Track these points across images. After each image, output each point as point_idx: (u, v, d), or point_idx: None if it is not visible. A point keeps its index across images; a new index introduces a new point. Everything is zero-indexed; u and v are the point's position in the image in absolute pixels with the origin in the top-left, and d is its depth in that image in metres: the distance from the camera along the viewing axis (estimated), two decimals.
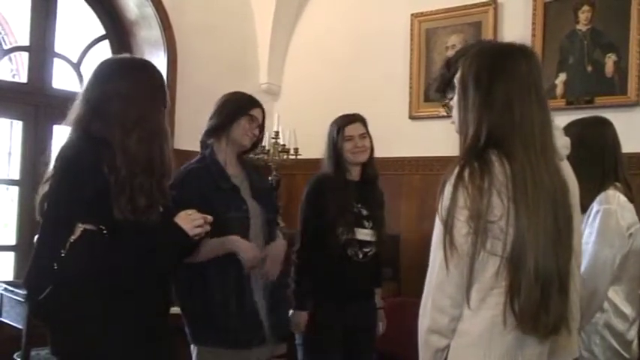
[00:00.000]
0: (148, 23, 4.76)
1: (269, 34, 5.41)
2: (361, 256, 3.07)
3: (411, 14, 4.83)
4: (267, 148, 4.83)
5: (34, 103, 4.30)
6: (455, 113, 1.75)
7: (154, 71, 2.21)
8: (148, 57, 4.74)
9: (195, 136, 2.87)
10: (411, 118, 4.84)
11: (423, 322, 1.64)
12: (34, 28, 4.39)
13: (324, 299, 3.06)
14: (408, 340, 1.83)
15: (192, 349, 2.65)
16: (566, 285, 1.60)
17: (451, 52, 4.55)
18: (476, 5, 4.55)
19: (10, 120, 4.41)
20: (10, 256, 4.31)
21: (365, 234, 3.08)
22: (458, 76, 1.72)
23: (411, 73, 4.83)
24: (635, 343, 2.57)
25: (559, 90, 4.19)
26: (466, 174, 1.56)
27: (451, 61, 1.92)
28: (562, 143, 1.77)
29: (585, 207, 2.45)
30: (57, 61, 4.51)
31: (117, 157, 1.99)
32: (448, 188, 1.58)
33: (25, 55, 4.54)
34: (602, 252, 2.43)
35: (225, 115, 2.73)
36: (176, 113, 4.70)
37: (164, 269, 2.16)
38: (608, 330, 2.49)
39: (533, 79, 1.64)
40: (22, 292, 3.39)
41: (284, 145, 4.89)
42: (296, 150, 4.86)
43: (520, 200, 1.53)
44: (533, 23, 4.26)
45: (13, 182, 4.37)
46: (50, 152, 2.13)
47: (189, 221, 2.12)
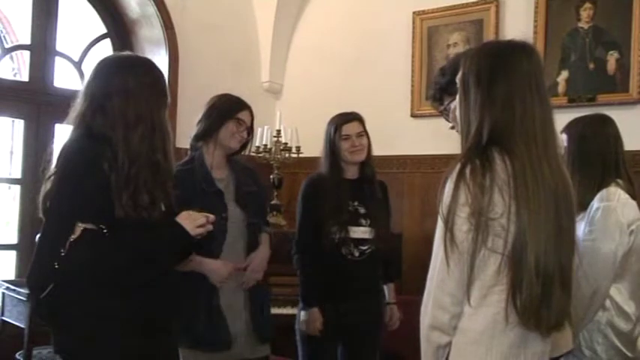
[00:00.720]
0: (150, 22, 4.76)
1: (271, 32, 5.40)
2: (357, 254, 3.06)
3: (413, 12, 4.83)
4: (269, 146, 4.83)
5: (35, 101, 4.30)
6: (457, 113, 1.75)
7: (155, 69, 2.22)
8: (149, 56, 4.72)
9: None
10: (413, 116, 4.83)
11: (425, 319, 1.64)
12: (35, 26, 4.39)
13: (322, 297, 3.05)
14: (410, 337, 1.83)
15: None
16: (568, 280, 1.60)
17: (453, 50, 4.57)
18: (477, 3, 4.54)
19: (11, 119, 4.41)
20: (11, 254, 4.31)
21: (361, 232, 3.07)
22: (459, 76, 1.72)
23: (412, 71, 4.82)
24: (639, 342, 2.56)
25: (561, 88, 4.18)
26: (467, 171, 1.56)
27: (445, 68, 1.93)
28: (558, 143, 1.77)
29: (586, 204, 2.45)
30: (58, 59, 4.51)
31: (119, 154, 1.99)
32: (449, 185, 1.59)
33: (26, 53, 4.53)
34: (602, 249, 2.42)
35: (212, 119, 2.76)
36: (177, 112, 4.70)
37: (165, 268, 2.16)
38: (611, 329, 2.48)
39: (534, 76, 1.64)
40: (24, 290, 3.40)
41: (286, 143, 4.88)
42: (298, 148, 4.85)
43: (521, 197, 1.54)
44: (535, 21, 4.26)
45: (14, 181, 4.37)
46: (52, 150, 2.13)
47: (190, 221, 2.12)
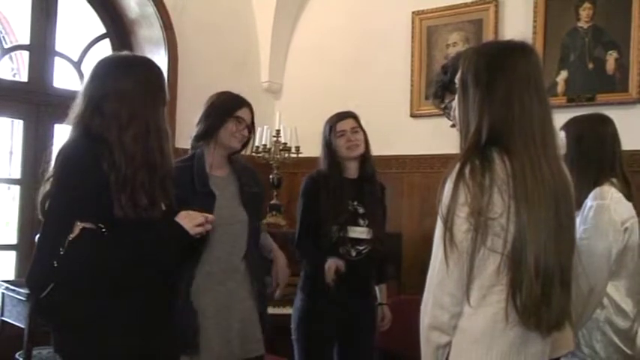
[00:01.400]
0: (149, 22, 4.76)
1: (270, 32, 5.40)
2: (354, 254, 3.06)
3: (412, 12, 4.83)
4: (269, 146, 4.83)
5: (34, 102, 4.30)
6: (456, 113, 1.75)
7: (153, 69, 2.21)
8: (148, 56, 4.71)
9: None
10: (412, 116, 4.83)
11: (424, 318, 1.65)
12: (34, 26, 4.39)
13: (319, 296, 3.05)
14: (410, 337, 1.83)
15: None
16: (568, 279, 1.61)
17: (452, 50, 4.57)
18: (477, 3, 4.54)
19: (10, 119, 4.42)
20: (11, 255, 4.31)
21: (360, 232, 3.07)
22: (458, 75, 1.72)
23: (412, 70, 4.82)
24: (639, 339, 2.56)
25: (560, 87, 4.18)
26: (467, 171, 1.56)
27: (447, 66, 1.93)
28: (559, 142, 1.77)
29: (580, 203, 2.45)
30: (58, 60, 4.51)
31: (114, 155, 1.99)
32: (449, 185, 1.59)
33: (25, 54, 4.53)
34: (597, 247, 2.42)
35: (211, 119, 2.72)
36: (177, 112, 4.69)
37: (165, 267, 2.16)
38: (609, 326, 2.49)
39: (532, 76, 1.64)
40: (24, 291, 3.40)
41: (285, 143, 4.88)
42: (297, 148, 4.85)
43: (520, 196, 1.54)
44: (534, 21, 4.26)
45: (14, 181, 4.37)
46: (51, 151, 2.14)
47: (190, 220, 2.12)
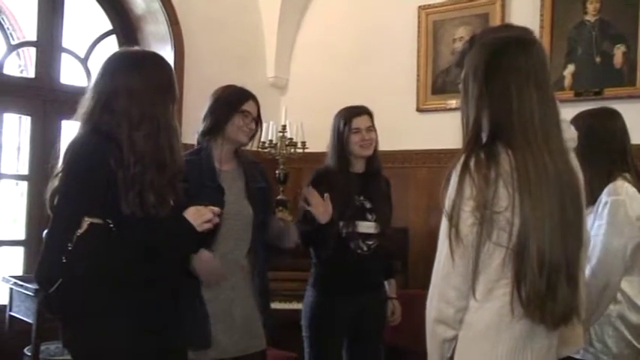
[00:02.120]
0: (155, 18, 4.76)
1: (276, 27, 5.40)
2: (365, 248, 3.06)
3: (418, 6, 4.82)
4: (275, 141, 4.83)
5: (42, 98, 4.31)
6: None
7: (163, 66, 2.21)
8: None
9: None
10: (419, 110, 4.82)
11: (430, 313, 1.65)
12: (41, 23, 4.40)
13: (331, 291, 3.06)
14: (416, 332, 1.83)
15: None
16: (575, 274, 1.60)
17: (458, 45, 4.56)
18: None
19: (18, 115, 4.43)
20: (19, 250, 4.33)
21: (367, 227, 3.07)
22: (462, 73, 1.72)
23: (418, 65, 4.81)
24: None
25: (567, 81, 4.16)
26: (472, 164, 1.56)
27: (475, 36, 1.90)
28: (569, 136, 1.76)
29: (594, 198, 2.45)
30: (64, 56, 4.52)
31: (124, 153, 2.00)
32: (454, 179, 1.59)
33: (32, 50, 4.55)
34: (612, 243, 2.41)
35: (217, 115, 2.70)
36: (183, 108, 4.70)
37: (172, 263, 2.17)
38: (622, 321, 2.48)
39: (532, 70, 1.63)
40: (32, 286, 3.42)
41: (291, 138, 4.87)
42: (303, 144, 4.85)
43: (523, 189, 1.54)
44: (541, 14, 4.24)
45: (22, 177, 4.39)
46: (59, 147, 2.15)
47: (198, 217, 2.12)
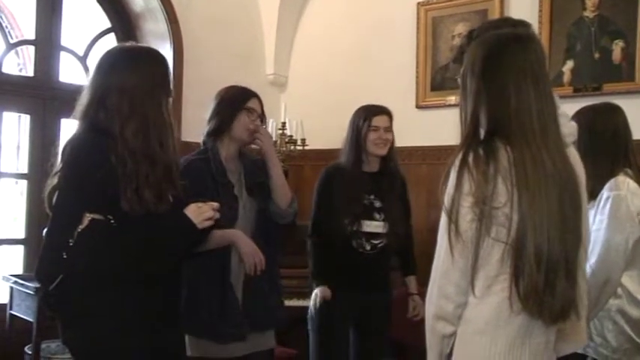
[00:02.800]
0: (154, 16, 4.76)
1: (275, 25, 5.39)
2: (369, 248, 3.06)
3: (417, 3, 4.82)
4: (274, 139, 4.84)
5: (41, 96, 4.32)
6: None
7: (158, 61, 2.20)
8: None
9: (202, 129, 2.87)
10: (418, 107, 4.82)
11: (430, 308, 1.65)
12: (39, 21, 4.40)
13: (334, 288, 3.06)
14: (417, 327, 1.84)
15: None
16: (573, 270, 1.60)
17: (458, 41, 4.55)
18: None
19: (17, 114, 4.43)
20: (19, 249, 4.33)
21: (375, 226, 3.07)
22: (462, 68, 1.72)
23: (417, 62, 4.81)
24: None
25: (566, 77, 4.16)
26: (470, 159, 1.57)
27: (473, 32, 1.90)
28: (568, 130, 1.76)
29: (595, 193, 2.45)
30: (63, 54, 4.52)
31: (119, 149, 2.00)
32: (453, 174, 1.59)
33: (31, 48, 4.55)
34: (613, 238, 2.42)
35: (222, 115, 2.72)
36: (183, 106, 4.71)
37: (172, 260, 2.17)
38: (622, 316, 2.49)
39: (530, 66, 1.63)
40: (33, 285, 3.42)
41: (291, 136, 4.89)
42: (303, 141, 4.86)
43: (521, 184, 1.54)
44: (540, 10, 4.24)
45: (21, 176, 4.39)
46: (59, 145, 2.14)
47: (198, 214, 2.12)
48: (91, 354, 2.05)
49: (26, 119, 4.35)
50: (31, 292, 3.50)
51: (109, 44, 4.75)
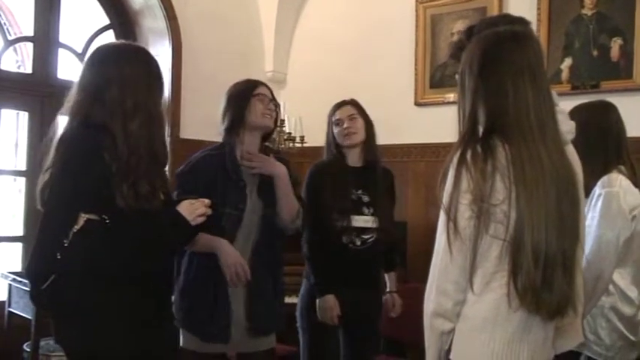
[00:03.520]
0: (153, 13, 4.76)
1: (274, 22, 5.40)
2: (359, 243, 3.05)
3: (416, 0, 4.82)
4: (273, 136, 4.83)
5: (39, 93, 4.31)
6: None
7: (151, 57, 2.22)
8: (152, 47, 4.75)
9: (201, 125, 2.87)
10: (417, 104, 4.83)
11: (428, 305, 1.65)
12: (38, 18, 4.40)
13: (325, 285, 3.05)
14: (415, 325, 1.84)
15: None
16: (571, 267, 1.61)
17: (456, 38, 4.55)
18: None
19: (15, 111, 4.42)
20: (18, 246, 4.34)
21: (364, 221, 3.05)
22: (460, 66, 1.72)
23: (416, 59, 4.81)
24: None
25: (565, 75, 4.17)
26: (469, 157, 1.57)
27: (472, 28, 1.90)
28: (567, 128, 1.76)
29: (588, 190, 2.46)
30: (62, 51, 4.52)
31: (118, 143, 1.99)
32: (451, 172, 1.59)
33: (29, 45, 4.54)
34: (605, 234, 2.43)
35: (233, 107, 2.70)
36: (181, 103, 4.71)
37: (167, 257, 2.17)
38: (614, 313, 2.50)
39: (527, 64, 1.63)
40: None
41: (290, 133, 4.88)
42: (302, 138, 4.85)
43: (518, 181, 1.54)
44: (539, 8, 4.24)
45: (20, 173, 4.39)
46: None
47: (191, 210, 2.12)
48: (85, 353, 2.04)
49: (24, 116, 4.34)
50: (29, 289, 3.49)
51: (108, 41, 4.75)
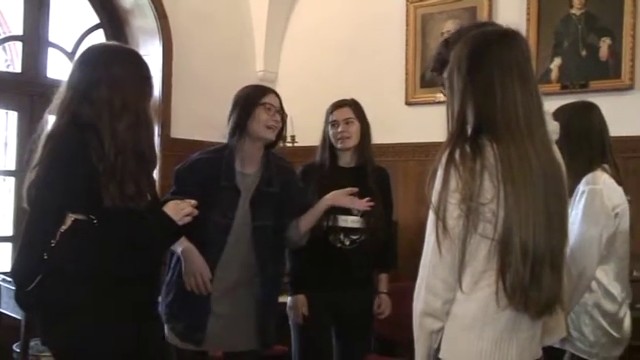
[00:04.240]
0: (143, 12, 4.74)
1: (265, 21, 5.38)
2: (348, 243, 3.05)
3: (407, 0, 4.82)
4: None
5: (28, 93, 4.29)
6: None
7: (141, 60, 2.23)
8: (143, 46, 4.74)
9: (192, 125, 2.86)
10: (408, 104, 4.83)
11: (417, 305, 1.66)
12: (27, 17, 4.38)
13: (313, 286, 3.05)
14: (406, 324, 1.84)
15: None
16: (559, 263, 1.62)
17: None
18: None
19: (5, 110, 4.41)
20: (7, 246, 4.31)
21: (352, 221, 3.03)
22: (448, 66, 1.73)
23: (406, 59, 4.82)
24: (627, 323, 2.60)
25: (554, 74, 4.19)
26: (457, 156, 1.57)
27: (450, 40, 1.92)
28: (551, 128, 1.78)
29: (572, 189, 2.48)
30: (51, 50, 4.50)
31: (105, 143, 1.99)
32: (440, 172, 1.60)
33: (19, 44, 4.52)
34: (588, 232, 2.45)
35: (238, 112, 2.69)
36: (172, 102, 4.70)
37: (154, 258, 2.18)
38: (598, 310, 2.52)
39: (515, 63, 1.64)
40: None
41: (285, 138, 4.87)
42: (293, 137, 4.85)
43: (507, 180, 1.55)
44: (528, 8, 4.26)
45: (9, 173, 4.37)
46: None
47: (177, 211, 2.13)
48: (72, 353, 2.04)
49: (14, 116, 4.32)
50: (15, 291, 3.47)
51: (98, 40, 4.73)
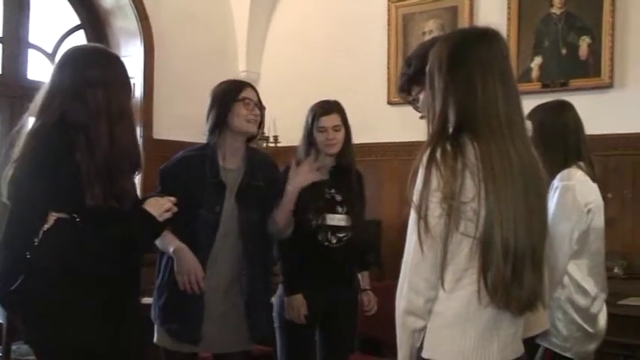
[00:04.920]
0: (124, 13, 4.73)
1: (246, 21, 5.39)
2: (335, 241, 3.06)
3: (388, 0, 4.84)
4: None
5: (9, 94, 4.26)
6: (426, 102, 1.78)
7: (123, 62, 2.24)
8: (124, 47, 4.73)
9: (174, 126, 2.86)
10: (390, 103, 4.85)
11: (400, 303, 1.66)
12: (7, 18, 4.34)
13: (300, 284, 3.05)
14: (389, 322, 1.85)
15: None
16: (540, 261, 1.63)
17: (428, 37, 4.59)
18: None
19: None
20: None
21: (338, 219, 3.06)
22: (428, 66, 1.75)
23: (388, 58, 4.85)
24: (602, 318, 2.63)
25: (534, 73, 4.23)
26: (438, 155, 1.58)
27: (411, 58, 1.96)
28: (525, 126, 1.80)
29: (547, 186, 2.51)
30: (31, 51, 4.47)
31: (95, 144, 1.98)
32: (421, 171, 1.61)
33: None
34: (559, 226, 2.48)
35: (217, 109, 2.69)
36: (154, 103, 4.68)
37: (136, 256, 2.18)
38: (570, 305, 2.55)
39: (495, 61, 1.65)
40: None
41: (263, 132, 4.88)
42: (275, 137, 4.86)
43: (488, 178, 1.56)
44: (509, 7, 4.30)
45: None
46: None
47: (158, 207, 2.14)
48: (55, 351, 2.03)
49: None
50: None
51: (79, 41, 4.71)
